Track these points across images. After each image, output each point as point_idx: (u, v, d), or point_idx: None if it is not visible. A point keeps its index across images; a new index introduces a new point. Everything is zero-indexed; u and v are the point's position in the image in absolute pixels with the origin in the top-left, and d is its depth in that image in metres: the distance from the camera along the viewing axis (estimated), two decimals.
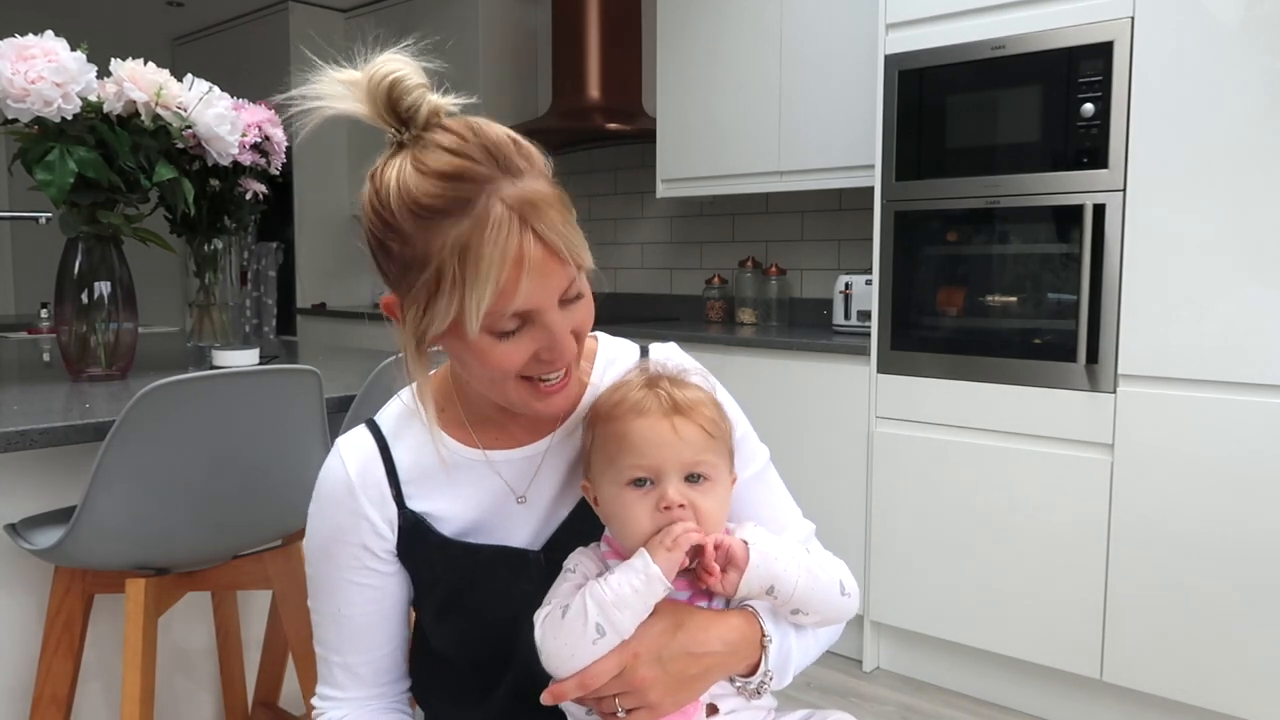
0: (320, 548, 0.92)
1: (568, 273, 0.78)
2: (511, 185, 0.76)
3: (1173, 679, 2.14)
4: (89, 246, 1.78)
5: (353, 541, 0.90)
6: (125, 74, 1.67)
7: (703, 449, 0.82)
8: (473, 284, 0.75)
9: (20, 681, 1.52)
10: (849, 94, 2.89)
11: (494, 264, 0.74)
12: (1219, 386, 2.05)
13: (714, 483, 0.83)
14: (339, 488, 0.90)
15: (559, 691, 0.80)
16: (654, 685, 0.80)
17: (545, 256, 0.76)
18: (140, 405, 1.22)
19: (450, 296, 0.76)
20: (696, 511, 0.81)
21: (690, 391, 0.84)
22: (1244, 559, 2.03)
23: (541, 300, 0.78)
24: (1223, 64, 2.01)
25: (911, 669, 2.63)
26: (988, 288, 2.40)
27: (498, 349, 0.79)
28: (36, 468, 1.52)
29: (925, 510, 2.52)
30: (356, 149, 4.71)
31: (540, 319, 0.79)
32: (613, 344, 1.00)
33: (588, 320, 0.84)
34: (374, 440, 0.92)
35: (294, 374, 1.37)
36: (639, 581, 0.78)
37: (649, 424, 0.81)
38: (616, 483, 0.82)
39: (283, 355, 2.30)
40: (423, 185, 0.75)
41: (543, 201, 0.76)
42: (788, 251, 3.50)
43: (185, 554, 1.39)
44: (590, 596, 0.79)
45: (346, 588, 0.91)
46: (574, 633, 0.79)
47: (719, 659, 0.82)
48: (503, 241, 0.74)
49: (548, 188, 0.79)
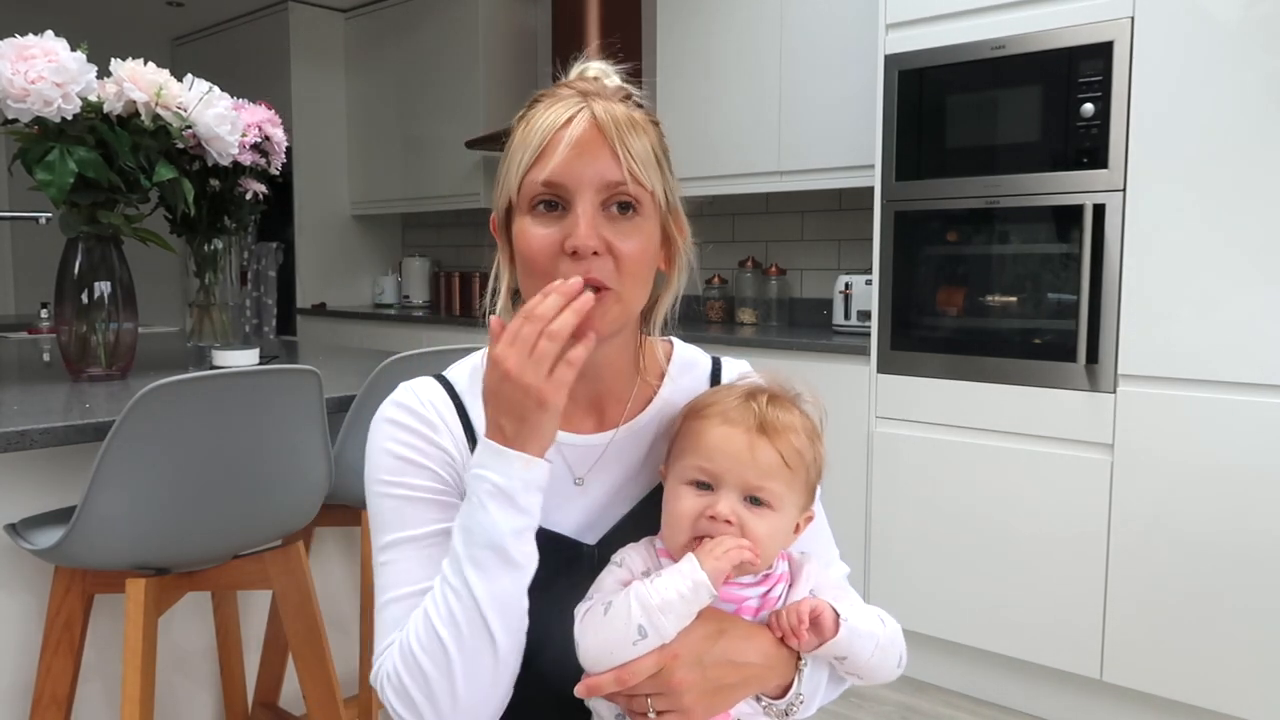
0: (387, 469, 0.85)
1: (614, 167, 0.79)
2: (603, 101, 0.82)
3: (1172, 679, 2.14)
4: (89, 246, 1.78)
5: (424, 462, 0.84)
6: (125, 74, 1.67)
7: (772, 475, 0.81)
8: (523, 144, 0.81)
9: (20, 681, 1.52)
10: (849, 94, 2.89)
11: (544, 125, 0.80)
12: (1219, 386, 2.05)
13: (774, 511, 0.81)
14: (411, 415, 0.86)
15: (595, 684, 0.79)
16: (690, 689, 0.79)
17: (593, 136, 0.79)
18: (140, 405, 1.22)
19: (509, 159, 0.82)
20: (746, 533, 0.80)
21: (785, 416, 0.83)
22: (1243, 558, 2.03)
23: (575, 177, 0.79)
24: (1222, 64, 2.01)
25: (911, 669, 2.62)
26: (988, 288, 2.40)
27: (531, 229, 0.81)
28: (36, 468, 1.52)
29: (925, 510, 2.52)
30: (356, 149, 4.71)
31: (573, 202, 0.80)
32: (687, 351, 0.99)
33: (636, 246, 0.81)
34: (445, 391, 0.89)
35: (294, 374, 1.37)
36: (685, 587, 0.77)
37: (728, 433, 0.81)
38: (680, 477, 0.83)
39: (283, 355, 2.30)
40: (551, 89, 0.84)
41: (618, 109, 0.81)
42: (788, 251, 3.50)
43: (185, 554, 1.39)
44: (635, 598, 0.78)
45: (419, 505, 0.84)
46: (615, 631, 0.78)
47: (756, 671, 0.82)
48: (558, 109, 0.80)
49: (637, 112, 0.83)
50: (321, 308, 4.66)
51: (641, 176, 0.80)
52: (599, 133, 0.79)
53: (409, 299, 4.69)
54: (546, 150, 0.79)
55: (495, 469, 0.76)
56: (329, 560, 1.98)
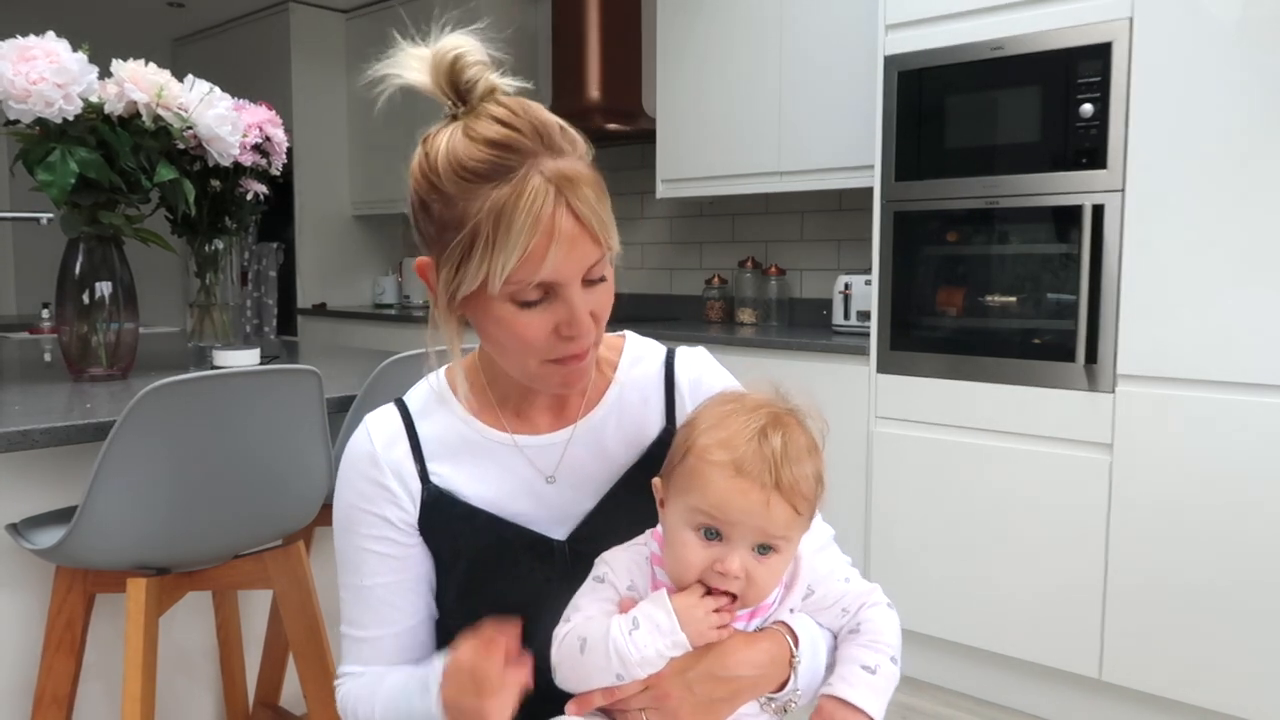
0: (344, 517, 0.94)
1: (595, 250, 0.80)
2: (552, 161, 0.79)
3: (1172, 678, 2.14)
4: (90, 247, 1.79)
5: (373, 511, 0.91)
6: (126, 75, 1.67)
7: (785, 526, 0.80)
8: (502, 246, 0.77)
9: (22, 681, 1.52)
10: (849, 94, 2.89)
11: (525, 229, 0.77)
12: (1218, 386, 2.05)
13: (780, 555, 0.82)
14: (362, 458, 0.92)
15: (585, 701, 0.81)
16: (682, 705, 0.81)
17: (576, 230, 0.79)
18: (141, 405, 1.22)
19: (481, 257, 0.78)
20: (751, 583, 0.80)
21: (798, 467, 0.79)
22: (1242, 558, 2.04)
23: (566, 273, 0.79)
24: (1221, 64, 2.01)
25: (911, 669, 2.63)
26: (987, 288, 2.40)
27: (520, 319, 0.81)
28: (38, 467, 1.53)
29: (924, 510, 2.52)
30: (357, 149, 4.72)
31: (563, 293, 0.80)
32: (639, 343, 1.01)
33: (607, 304, 0.86)
34: (399, 416, 0.94)
35: (294, 374, 1.38)
36: (665, 645, 0.79)
37: (742, 488, 0.78)
38: (687, 520, 0.81)
39: (283, 355, 2.30)
40: (470, 150, 0.79)
41: (580, 179, 0.79)
42: (787, 251, 3.50)
43: (186, 554, 1.39)
44: (614, 649, 0.78)
45: (368, 558, 0.93)
46: (592, 674, 0.80)
47: (746, 683, 0.83)
48: (536, 209, 0.77)
49: (587, 169, 0.81)
50: (322, 308, 4.66)
51: (615, 243, 0.82)
52: (580, 224, 0.79)
53: (409, 299, 4.69)
54: (533, 255, 0.77)
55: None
56: (330, 560, 1.96)
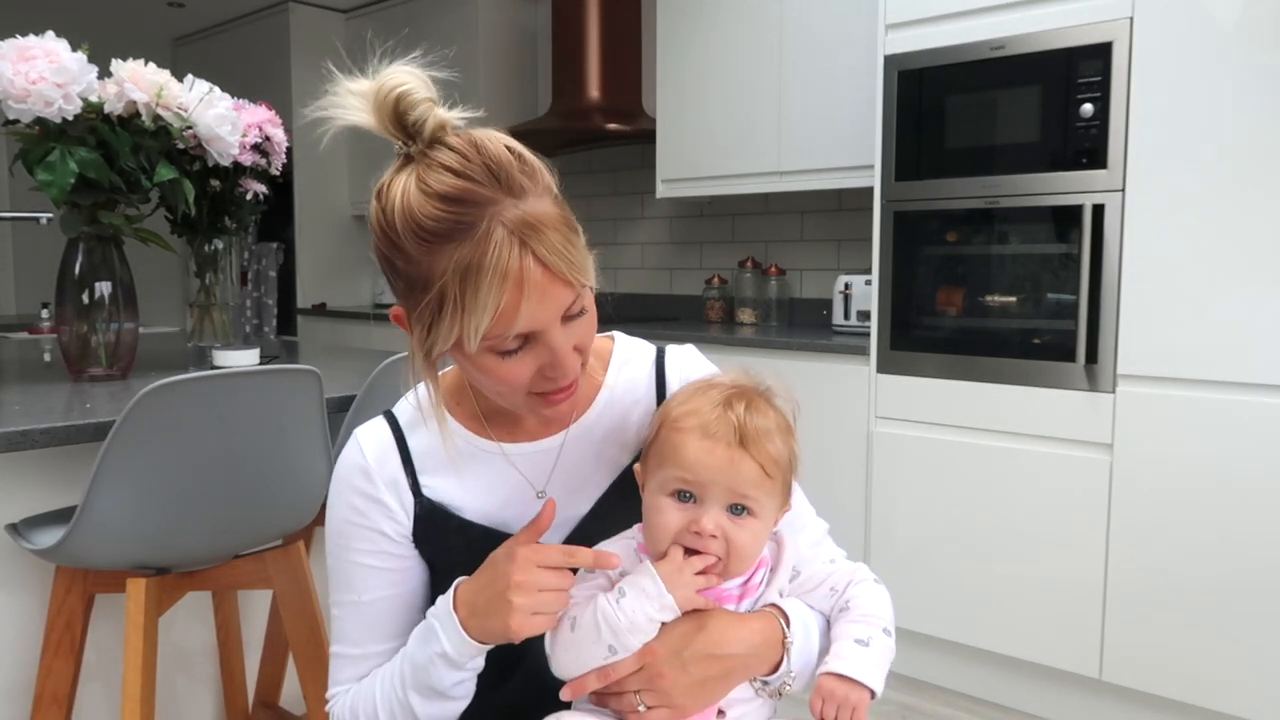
0: (337, 532, 0.92)
1: (569, 293, 0.78)
2: (513, 207, 0.76)
3: (1172, 678, 2.14)
4: (90, 247, 1.79)
5: (368, 525, 0.90)
6: (126, 74, 1.67)
7: (754, 485, 0.81)
8: (472, 308, 0.75)
9: (21, 681, 1.52)
10: (849, 94, 2.89)
11: (494, 288, 0.74)
12: (1218, 386, 2.05)
13: (756, 518, 0.83)
14: (354, 472, 0.91)
15: (579, 685, 0.81)
16: (676, 685, 0.81)
17: (546, 279, 0.76)
18: (141, 405, 1.22)
19: (452, 319, 0.76)
20: (729, 543, 0.81)
21: (763, 422, 0.82)
22: (1243, 558, 2.04)
23: (543, 321, 0.78)
24: (1221, 64, 2.01)
25: (911, 669, 2.63)
26: (987, 288, 2.40)
27: (502, 366, 0.80)
28: (37, 467, 1.53)
29: (924, 510, 2.52)
30: (357, 149, 4.71)
31: (543, 338, 0.79)
32: (628, 344, 1.00)
33: (590, 334, 0.85)
34: (390, 429, 0.93)
35: (294, 374, 1.38)
36: (653, 609, 0.79)
37: (709, 447, 0.80)
38: (661, 488, 0.83)
39: (283, 355, 2.30)
40: (425, 208, 0.76)
41: (543, 223, 0.76)
42: (787, 251, 3.50)
43: (186, 554, 1.39)
44: (602, 618, 0.79)
45: (364, 573, 0.91)
46: (584, 650, 0.80)
47: (740, 661, 0.83)
48: (502, 266, 0.74)
49: (550, 207, 0.78)
50: (322, 308, 4.66)
51: (591, 282, 0.81)
52: (549, 272, 0.76)
53: None
54: (505, 312, 0.75)
55: (449, 641, 0.82)
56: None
